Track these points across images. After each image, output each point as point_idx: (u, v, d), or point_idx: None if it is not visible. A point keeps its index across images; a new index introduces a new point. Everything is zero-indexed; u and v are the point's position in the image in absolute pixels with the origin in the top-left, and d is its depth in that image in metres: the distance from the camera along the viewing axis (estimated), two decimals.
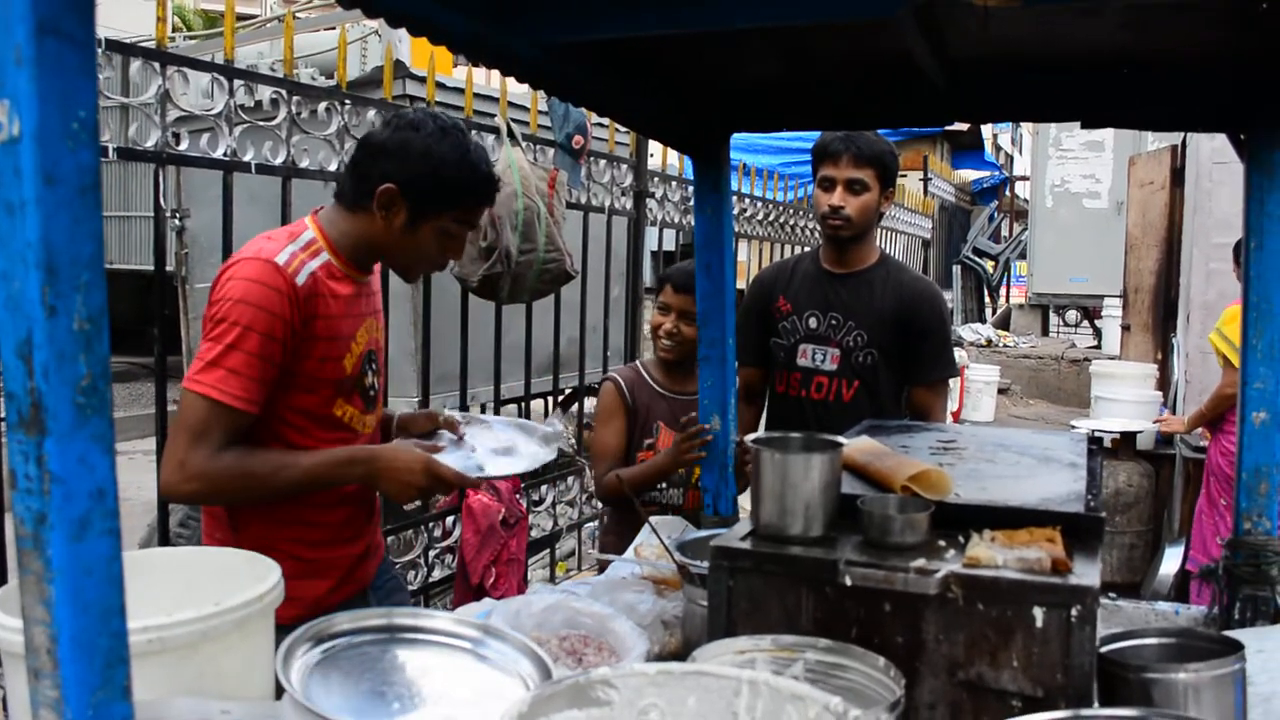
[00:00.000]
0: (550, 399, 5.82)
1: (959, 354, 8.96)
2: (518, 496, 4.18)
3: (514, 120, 4.21)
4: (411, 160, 2.03)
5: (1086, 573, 1.45)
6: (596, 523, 5.11)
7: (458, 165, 2.06)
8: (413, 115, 2.13)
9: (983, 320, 16.14)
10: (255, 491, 2.04)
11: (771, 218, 7.09)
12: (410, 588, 4.20)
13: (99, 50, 2.80)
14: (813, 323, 3.07)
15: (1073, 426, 6.42)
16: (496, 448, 2.31)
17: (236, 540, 2.09)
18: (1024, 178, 22.46)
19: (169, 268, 5.61)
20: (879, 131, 3.06)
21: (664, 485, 3.07)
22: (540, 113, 4.60)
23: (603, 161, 5.01)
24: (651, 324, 3.24)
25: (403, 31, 1.62)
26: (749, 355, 3.22)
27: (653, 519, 2.32)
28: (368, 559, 2.34)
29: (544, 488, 4.86)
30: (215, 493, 2.02)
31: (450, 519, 4.44)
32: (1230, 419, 5.25)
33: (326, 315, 2.05)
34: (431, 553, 4.32)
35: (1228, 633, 1.79)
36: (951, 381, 5.52)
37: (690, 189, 5.13)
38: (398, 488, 2.07)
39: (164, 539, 3.28)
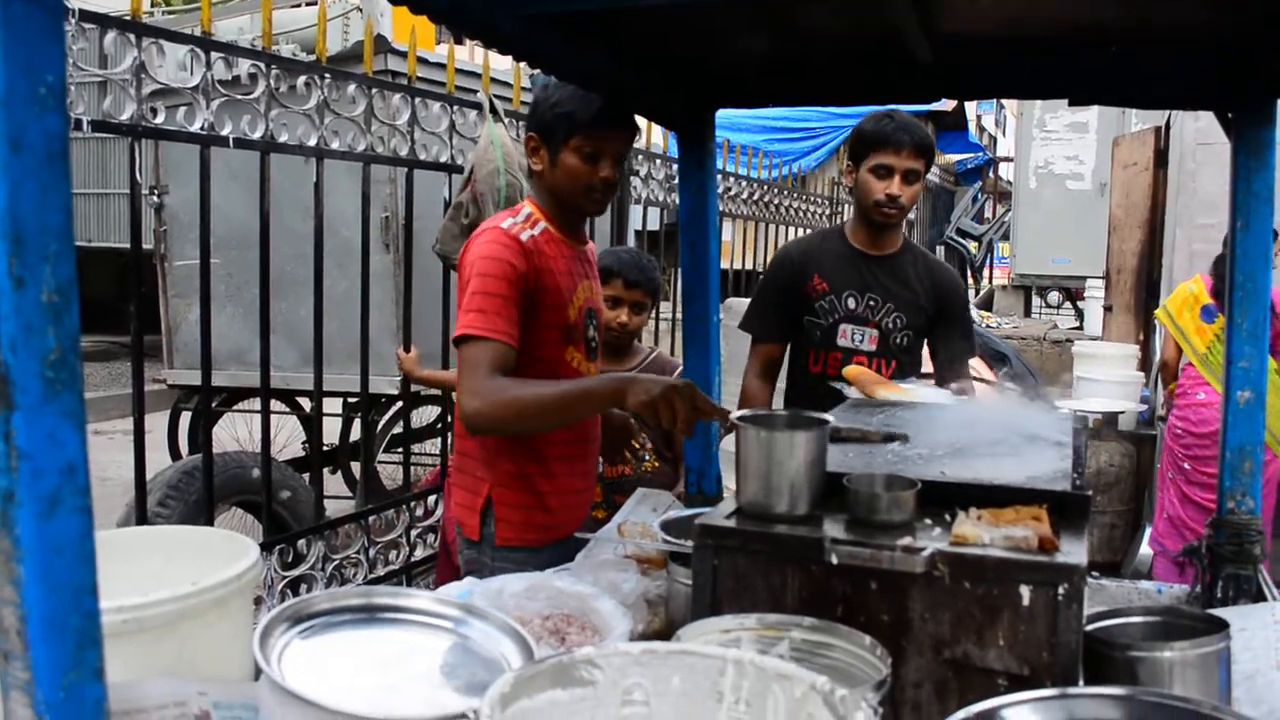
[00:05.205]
0: None
1: None
2: None
3: (497, 96, 4.17)
4: (536, 109, 2.45)
5: (1074, 551, 1.44)
6: None
7: (561, 96, 2.39)
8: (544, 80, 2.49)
9: None
10: (530, 405, 2.20)
11: (756, 196, 7.06)
12: (392, 567, 4.19)
13: (72, 21, 2.76)
14: (851, 303, 3.12)
15: (1055, 407, 6.44)
16: None
17: (492, 476, 2.44)
18: (1008, 159, 22.47)
19: (147, 245, 5.55)
20: (874, 109, 3.10)
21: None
22: (524, 89, 4.55)
23: None
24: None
25: (385, 6, 1.60)
26: (775, 332, 3.26)
27: (640, 490, 2.32)
28: (588, 499, 2.66)
29: None
30: (497, 409, 2.18)
31: (432, 498, 4.42)
32: (1180, 394, 5.28)
33: (550, 270, 2.38)
34: (414, 532, 4.30)
35: (1210, 611, 1.79)
36: None
37: (675, 167, 5.10)
38: (644, 396, 2.07)
39: (142, 518, 3.26)
